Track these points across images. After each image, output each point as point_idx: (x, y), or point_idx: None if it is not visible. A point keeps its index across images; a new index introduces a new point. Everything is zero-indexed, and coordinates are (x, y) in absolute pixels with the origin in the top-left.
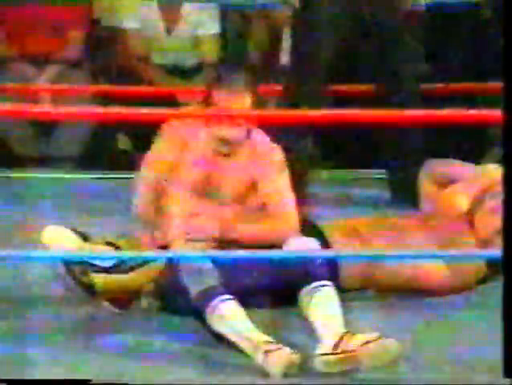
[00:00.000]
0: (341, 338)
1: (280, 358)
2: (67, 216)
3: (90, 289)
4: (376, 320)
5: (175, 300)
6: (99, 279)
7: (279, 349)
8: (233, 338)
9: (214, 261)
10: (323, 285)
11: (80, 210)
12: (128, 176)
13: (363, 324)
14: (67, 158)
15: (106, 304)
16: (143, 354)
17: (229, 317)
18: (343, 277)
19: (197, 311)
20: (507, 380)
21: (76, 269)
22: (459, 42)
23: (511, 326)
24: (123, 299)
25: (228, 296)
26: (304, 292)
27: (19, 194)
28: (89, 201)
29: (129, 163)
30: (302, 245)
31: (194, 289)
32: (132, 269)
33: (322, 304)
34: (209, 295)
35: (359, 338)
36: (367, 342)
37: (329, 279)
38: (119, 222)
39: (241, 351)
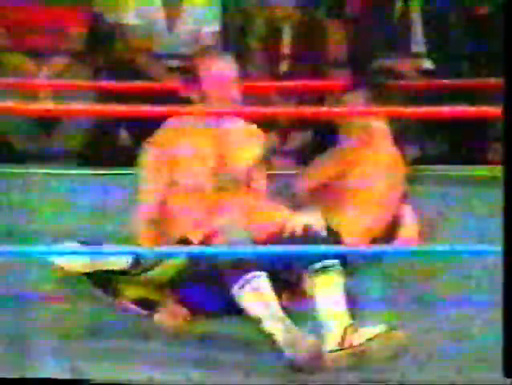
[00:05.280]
0: (345, 332)
1: (310, 347)
2: (68, 212)
3: (116, 295)
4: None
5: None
6: (123, 283)
7: (309, 338)
8: (263, 315)
9: None
10: (330, 266)
11: (81, 206)
12: (128, 172)
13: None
14: (67, 154)
15: (133, 307)
16: (141, 354)
17: (263, 293)
18: None
19: (224, 290)
20: (507, 380)
21: (99, 279)
22: None
23: (511, 325)
24: (150, 300)
25: (262, 272)
26: (310, 271)
27: (19, 190)
28: (90, 198)
29: (129, 159)
30: (306, 221)
31: (224, 262)
32: (152, 267)
33: (326, 290)
34: (242, 268)
35: (365, 332)
36: (374, 337)
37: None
38: (118, 219)
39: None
